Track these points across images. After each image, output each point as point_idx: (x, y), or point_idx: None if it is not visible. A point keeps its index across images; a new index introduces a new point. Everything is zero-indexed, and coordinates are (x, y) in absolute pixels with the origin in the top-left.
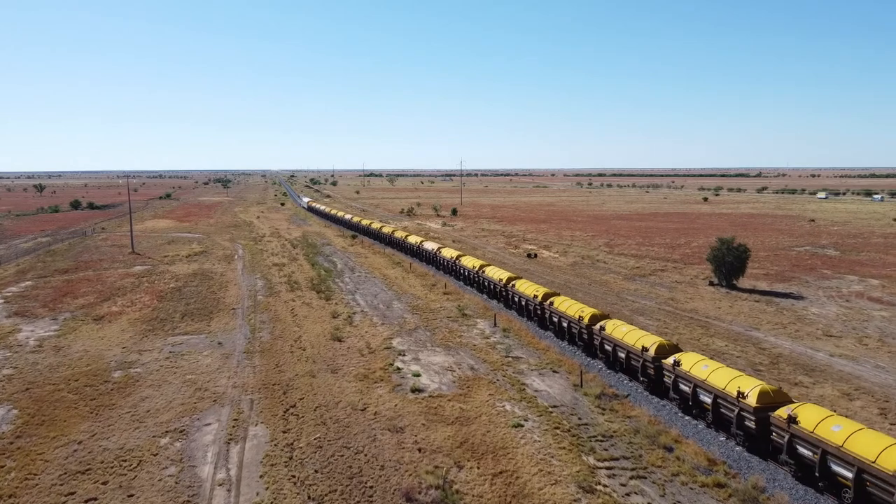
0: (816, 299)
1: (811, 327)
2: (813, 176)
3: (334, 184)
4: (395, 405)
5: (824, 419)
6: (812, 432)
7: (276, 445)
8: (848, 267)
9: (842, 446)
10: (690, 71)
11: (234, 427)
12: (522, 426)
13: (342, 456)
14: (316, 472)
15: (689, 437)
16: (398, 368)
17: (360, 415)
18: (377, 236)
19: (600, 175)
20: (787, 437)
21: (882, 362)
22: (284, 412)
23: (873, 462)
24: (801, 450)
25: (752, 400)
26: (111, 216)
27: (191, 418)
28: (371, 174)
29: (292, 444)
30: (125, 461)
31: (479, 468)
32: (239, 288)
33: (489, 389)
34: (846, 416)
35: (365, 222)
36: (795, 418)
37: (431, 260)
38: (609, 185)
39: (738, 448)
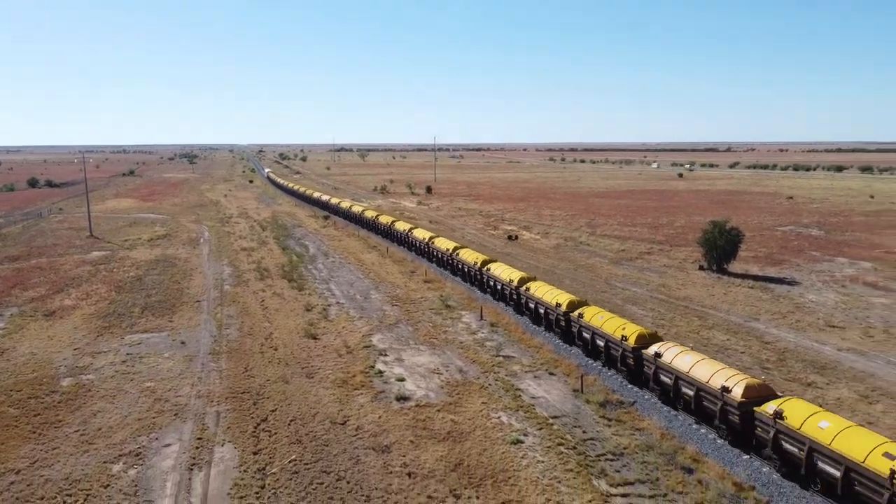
0: (811, 285)
1: (812, 317)
2: (781, 150)
3: (304, 159)
4: (379, 417)
5: (811, 415)
6: (798, 429)
7: (245, 471)
8: (836, 248)
9: (829, 445)
10: (656, 43)
11: (197, 448)
12: (522, 442)
13: (321, 484)
14: None
15: (709, 454)
16: (380, 371)
17: (340, 430)
18: (351, 217)
19: (572, 150)
20: (772, 432)
21: (893, 357)
22: (255, 428)
23: (862, 462)
24: (787, 446)
25: (736, 394)
26: (70, 195)
27: (148, 437)
28: (342, 149)
29: (264, 468)
30: (70, 496)
31: (478, 498)
32: (204, 276)
33: (482, 397)
34: (869, 423)
35: (338, 202)
36: (781, 414)
37: (407, 242)
38: (582, 161)
39: (765, 469)
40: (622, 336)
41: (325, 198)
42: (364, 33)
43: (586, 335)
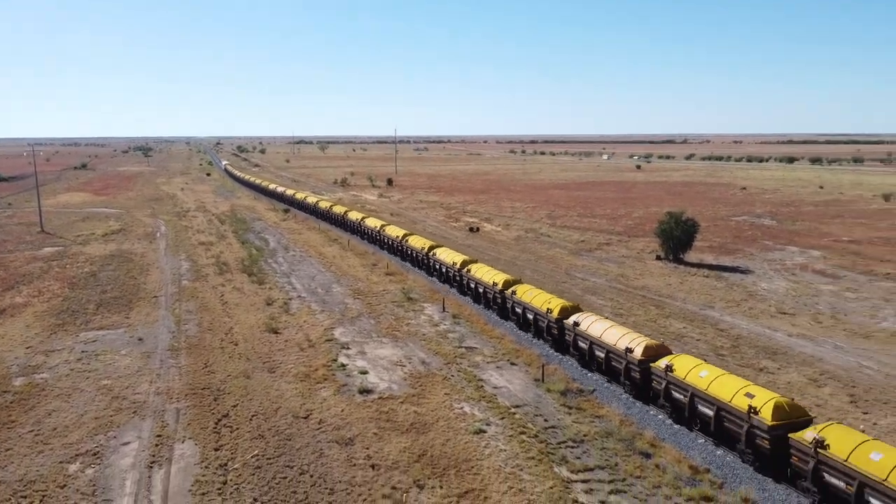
0: (764, 273)
1: (764, 304)
2: (736, 142)
3: (263, 152)
4: (342, 410)
5: (694, 367)
6: (683, 379)
7: (207, 468)
8: (787, 238)
9: (706, 389)
10: (616, 36)
11: (157, 446)
12: (485, 432)
13: (285, 478)
14: (255, 501)
15: (666, 439)
16: (343, 365)
17: (302, 424)
18: (312, 210)
19: (532, 142)
20: (664, 383)
21: (840, 342)
22: (216, 424)
23: (728, 402)
24: (675, 394)
25: (637, 353)
26: (19, 189)
27: (106, 436)
28: (301, 141)
29: (226, 464)
30: (24, 497)
31: (441, 487)
32: (162, 272)
33: (444, 388)
34: (817, 405)
35: (298, 195)
36: (671, 367)
37: (370, 236)
38: (542, 153)
39: (719, 452)
40: (547, 309)
41: (284, 191)
42: (323, 23)
43: (518, 310)
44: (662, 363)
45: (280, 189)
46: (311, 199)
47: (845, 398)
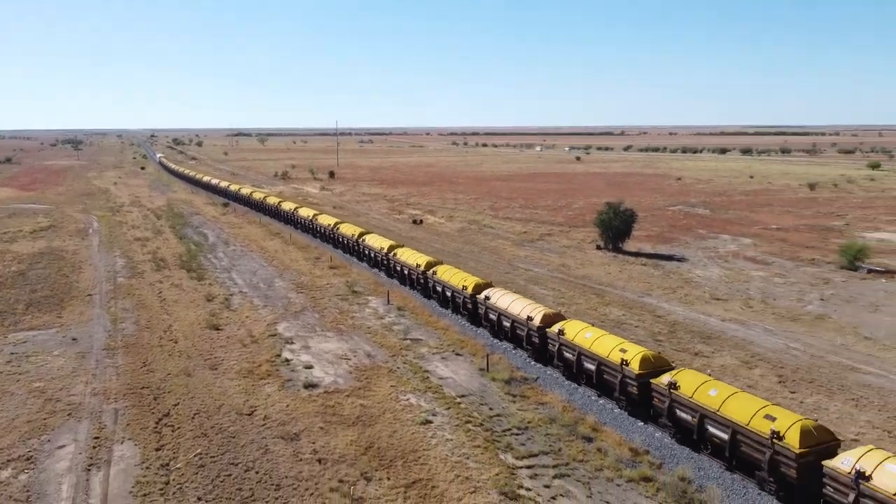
0: (698, 261)
1: (699, 291)
2: (671, 134)
3: (200, 144)
4: (287, 406)
5: (581, 330)
6: (572, 340)
7: (148, 468)
8: (720, 226)
9: (590, 348)
10: (556, 30)
11: (94, 448)
12: (431, 422)
13: (230, 476)
14: (199, 500)
15: (607, 423)
16: (287, 360)
17: (247, 421)
18: (252, 204)
19: (474, 134)
20: (557, 345)
21: (769, 325)
22: (157, 423)
23: (606, 357)
24: (566, 354)
25: (536, 321)
26: None
27: (40, 440)
28: (240, 134)
29: (168, 464)
30: None
31: (389, 479)
32: (95, 269)
33: (390, 380)
34: (749, 386)
35: (238, 189)
36: (563, 330)
37: (310, 228)
38: (484, 145)
39: (658, 434)
40: (463, 286)
41: (223, 184)
42: (262, 13)
43: (438, 289)
44: (556, 328)
45: (219, 182)
46: (252, 193)
47: (774, 379)
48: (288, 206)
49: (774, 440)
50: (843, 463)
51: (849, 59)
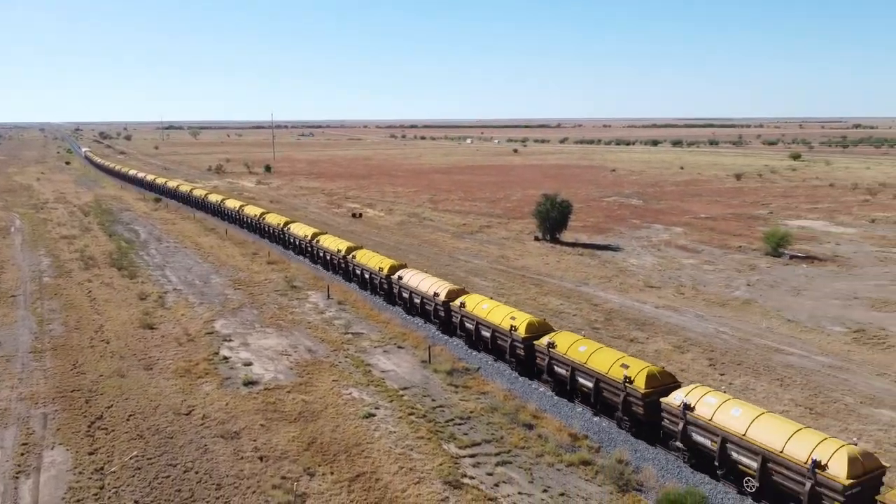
0: (633, 250)
1: (633, 279)
2: (605, 126)
3: (128, 138)
4: (227, 404)
5: (479, 303)
6: (471, 311)
7: (81, 473)
8: (653, 216)
9: (486, 317)
10: (489, 22)
11: (23, 455)
12: (374, 415)
13: (168, 477)
14: (136, 503)
15: (547, 410)
16: (225, 357)
17: (185, 421)
18: (185, 199)
19: (412, 126)
20: (459, 317)
21: (700, 311)
22: (89, 427)
23: (506, 329)
24: (467, 325)
25: (441, 296)
26: None
27: None
28: (171, 127)
29: (102, 468)
30: None
31: (333, 473)
32: (18, 269)
33: (332, 374)
34: (681, 370)
35: (170, 183)
36: (464, 304)
37: (248, 223)
38: (423, 138)
39: (595, 419)
40: (379, 268)
41: (155, 179)
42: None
43: (358, 272)
44: (458, 301)
45: (150, 177)
46: (185, 188)
47: (705, 362)
48: (232, 203)
49: (626, 384)
50: (674, 398)
51: (772, 54)
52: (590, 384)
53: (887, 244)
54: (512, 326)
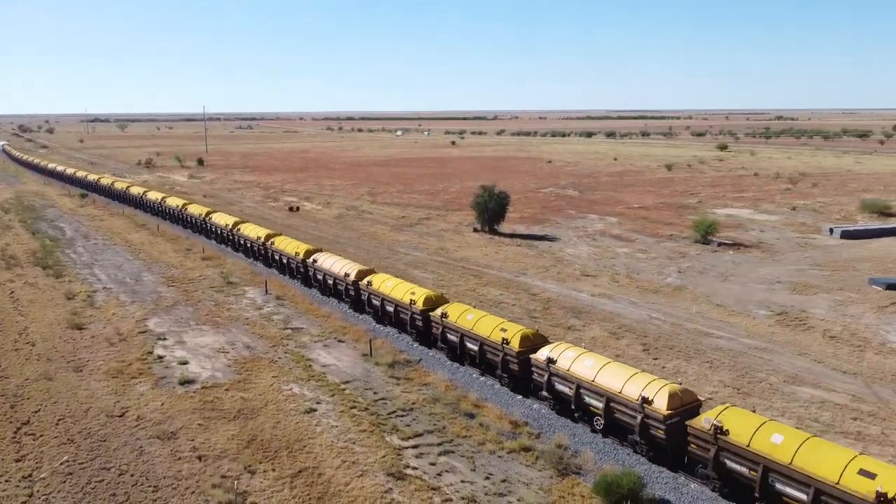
0: (569, 240)
1: (570, 268)
2: (541, 118)
3: (51, 131)
4: (162, 404)
5: (384, 281)
6: (377, 289)
7: (8, 482)
8: (588, 206)
9: (389, 294)
10: (427, 15)
11: None
12: (316, 410)
13: (102, 482)
14: None
15: (489, 398)
16: (160, 357)
17: (118, 423)
18: (114, 194)
19: (349, 119)
20: (367, 295)
21: (634, 298)
22: (15, 433)
23: (406, 303)
24: (374, 301)
25: (352, 276)
26: None
27: None
28: (97, 119)
29: (31, 475)
30: None
31: (274, 470)
32: None
33: (272, 371)
34: (617, 356)
35: (97, 178)
36: (371, 282)
37: (181, 219)
38: (360, 130)
39: (536, 406)
40: (295, 252)
41: (80, 174)
42: None
43: (276, 256)
44: (366, 280)
45: (75, 172)
46: (113, 183)
47: (639, 347)
48: (155, 196)
49: (504, 345)
50: (541, 355)
51: (700, 48)
52: (475, 347)
53: (807, 230)
54: (411, 300)
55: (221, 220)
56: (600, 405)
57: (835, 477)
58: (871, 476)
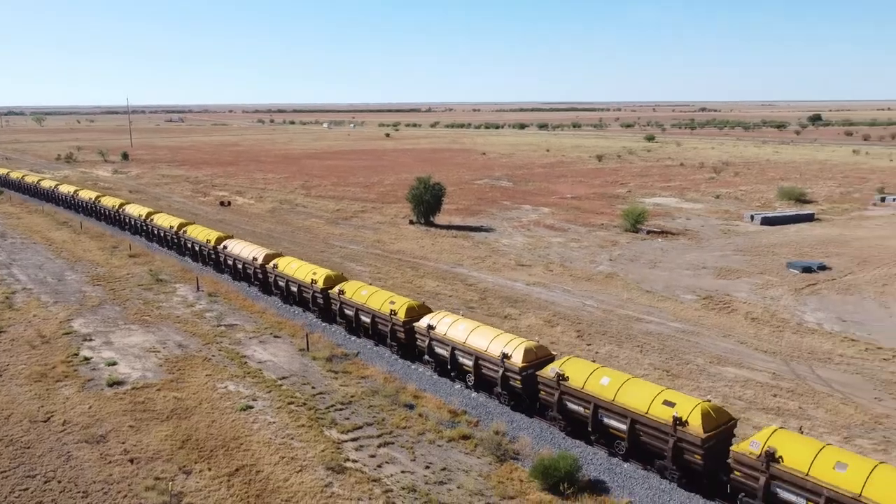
0: (504, 231)
1: (505, 258)
2: (475, 110)
3: None
4: (90, 407)
5: (289, 263)
6: (282, 271)
7: None
8: (522, 197)
9: (293, 275)
10: (361, 9)
11: None
12: (252, 407)
13: (27, 489)
14: None
15: (427, 389)
16: (86, 358)
17: (43, 428)
18: (32, 191)
19: (280, 111)
20: (273, 277)
21: (568, 286)
22: None
23: (308, 282)
24: (280, 283)
25: (259, 261)
26: None
27: None
28: (10, 112)
29: None
30: None
31: (210, 469)
32: None
33: (206, 369)
34: (552, 343)
35: (13, 174)
36: (276, 265)
37: (106, 215)
38: (292, 123)
39: (473, 394)
40: (207, 240)
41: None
42: None
43: (189, 245)
44: (272, 264)
45: None
46: (31, 178)
47: (573, 334)
48: (66, 188)
49: (392, 316)
50: (423, 323)
51: (628, 42)
52: (368, 320)
53: (730, 218)
54: (313, 280)
55: (134, 211)
56: (470, 363)
57: (644, 408)
58: (672, 405)
